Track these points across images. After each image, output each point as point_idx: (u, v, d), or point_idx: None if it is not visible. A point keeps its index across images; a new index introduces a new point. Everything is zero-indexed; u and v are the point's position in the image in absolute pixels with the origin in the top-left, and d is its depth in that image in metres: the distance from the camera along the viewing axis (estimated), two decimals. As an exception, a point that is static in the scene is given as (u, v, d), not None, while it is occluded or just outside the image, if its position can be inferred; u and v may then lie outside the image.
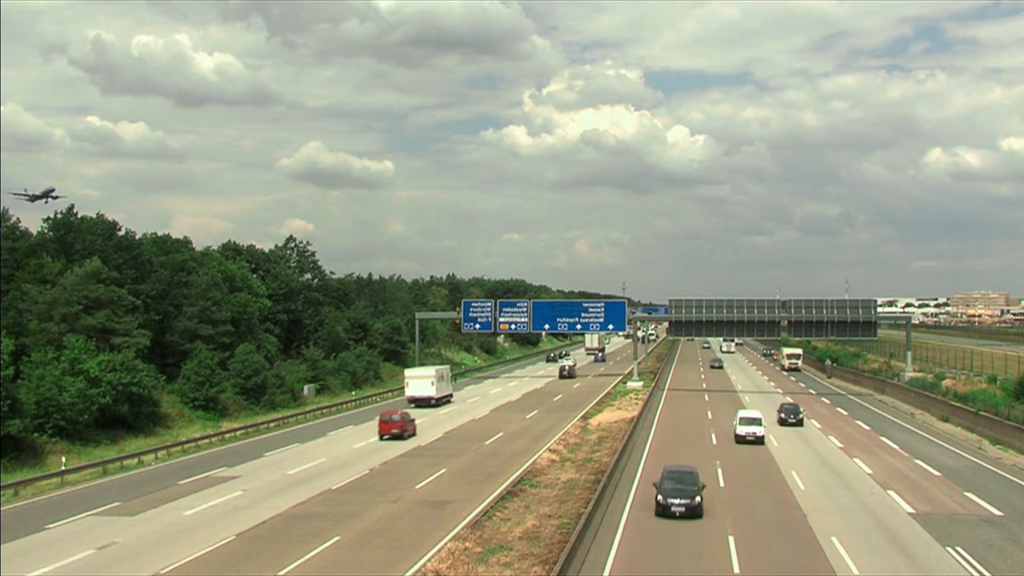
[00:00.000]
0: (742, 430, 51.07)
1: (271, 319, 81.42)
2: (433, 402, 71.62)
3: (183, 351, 64.17)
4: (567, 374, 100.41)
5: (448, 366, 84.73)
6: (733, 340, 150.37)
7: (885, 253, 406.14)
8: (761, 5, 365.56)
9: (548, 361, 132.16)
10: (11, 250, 60.53)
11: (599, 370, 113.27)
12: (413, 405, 70.19)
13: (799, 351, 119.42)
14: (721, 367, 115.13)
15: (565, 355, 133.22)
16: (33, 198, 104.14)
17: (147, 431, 52.86)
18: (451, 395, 77.38)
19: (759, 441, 50.45)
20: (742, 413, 53.73)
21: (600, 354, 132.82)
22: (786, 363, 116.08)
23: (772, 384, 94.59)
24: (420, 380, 72.56)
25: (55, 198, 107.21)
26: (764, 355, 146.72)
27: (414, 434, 54.12)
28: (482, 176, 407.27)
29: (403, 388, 73.80)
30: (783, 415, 59.86)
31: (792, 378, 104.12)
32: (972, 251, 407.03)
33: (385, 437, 53.00)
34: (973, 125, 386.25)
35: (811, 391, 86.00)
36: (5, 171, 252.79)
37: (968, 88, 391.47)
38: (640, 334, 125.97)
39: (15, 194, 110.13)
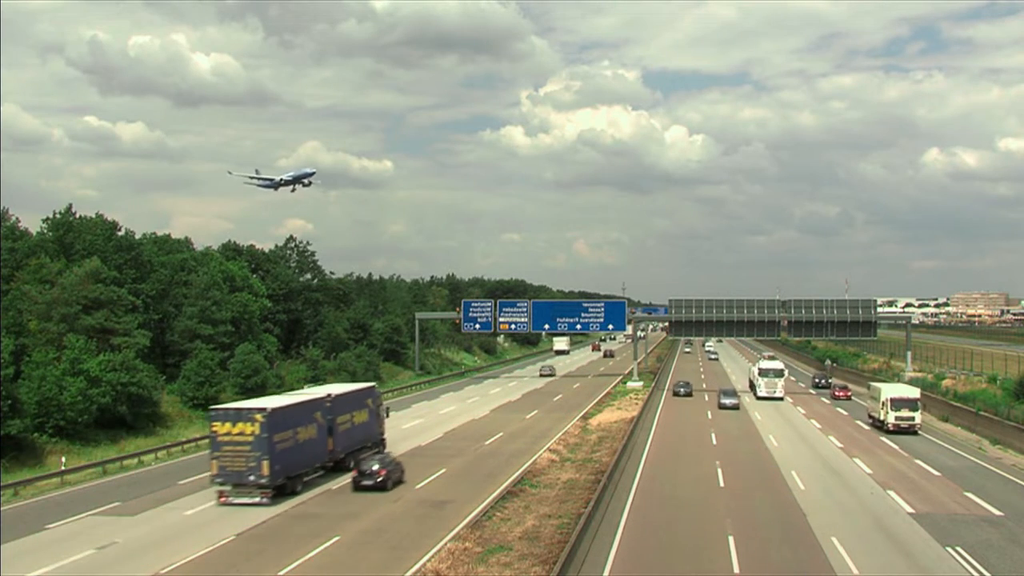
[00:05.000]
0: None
1: (271, 319, 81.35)
2: (568, 353, 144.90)
3: (183, 351, 64.15)
4: (642, 337, 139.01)
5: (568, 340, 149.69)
6: (780, 377, 76.49)
7: (884, 253, 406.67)
8: (758, 5, 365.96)
9: (601, 341, 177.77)
10: (11, 250, 60.49)
11: (599, 370, 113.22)
12: (556, 354, 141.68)
13: (916, 394, 58.46)
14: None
15: (613, 338, 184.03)
16: (277, 184, 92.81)
17: (147, 431, 52.85)
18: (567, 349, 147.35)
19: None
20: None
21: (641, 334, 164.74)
22: (891, 420, 56.37)
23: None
24: (560, 342, 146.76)
25: (307, 184, 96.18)
26: (816, 386, 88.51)
27: None
28: (481, 176, 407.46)
29: (413, 387, 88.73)
30: None
31: (839, 407, 71.21)
32: (972, 251, 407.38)
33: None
34: (971, 125, 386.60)
35: (811, 391, 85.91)
36: (4, 171, 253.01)
37: (965, 88, 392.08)
38: (640, 334, 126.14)
39: (250, 178, 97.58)
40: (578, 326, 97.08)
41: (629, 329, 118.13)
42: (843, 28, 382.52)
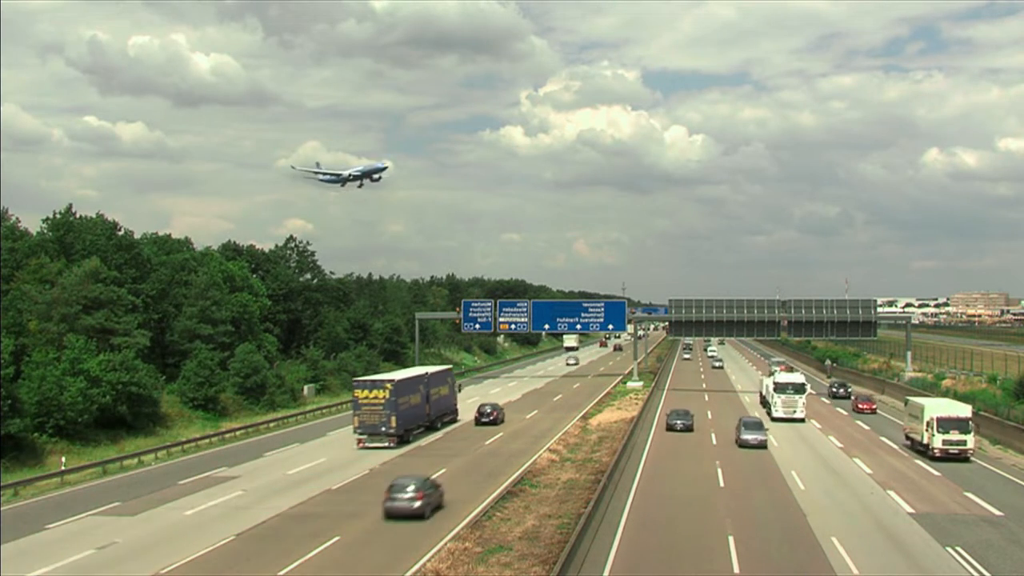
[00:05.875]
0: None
1: (271, 319, 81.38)
2: (578, 349, 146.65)
3: (183, 351, 64.14)
4: (643, 336, 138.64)
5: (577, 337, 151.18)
6: (800, 393, 62.37)
7: (884, 253, 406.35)
8: (757, 5, 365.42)
9: (607, 338, 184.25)
10: (11, 250, 60.50)
11: (599, 370, 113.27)
12: (567, 351, 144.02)
13: (967, 412, 47.81)
14: None
15: (618, 336, 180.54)
16: (344, 179, 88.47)
17: (147, 431, 52.85)
18: (576, 346, 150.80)
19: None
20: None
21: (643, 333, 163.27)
22: (936, 445, 46.20)
23: None
24: (570, 339, 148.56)
25: (377, 179, 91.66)
26: (833, 396, 79.35)
27: None
28: (480, 176, 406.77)
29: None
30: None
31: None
32: (971, 251, 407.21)
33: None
34: (970, 125, 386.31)
35: (811, 391, 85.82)
36: (4, 171, 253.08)
37: (965, 88, 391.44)
38: (643, 333, 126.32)
39: (314, 173, 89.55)
40: (578, 326, 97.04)
41: (630, 328, 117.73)
42: (843, 28, 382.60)
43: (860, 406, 68.41)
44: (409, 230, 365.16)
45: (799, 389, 62.59)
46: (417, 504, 32.48)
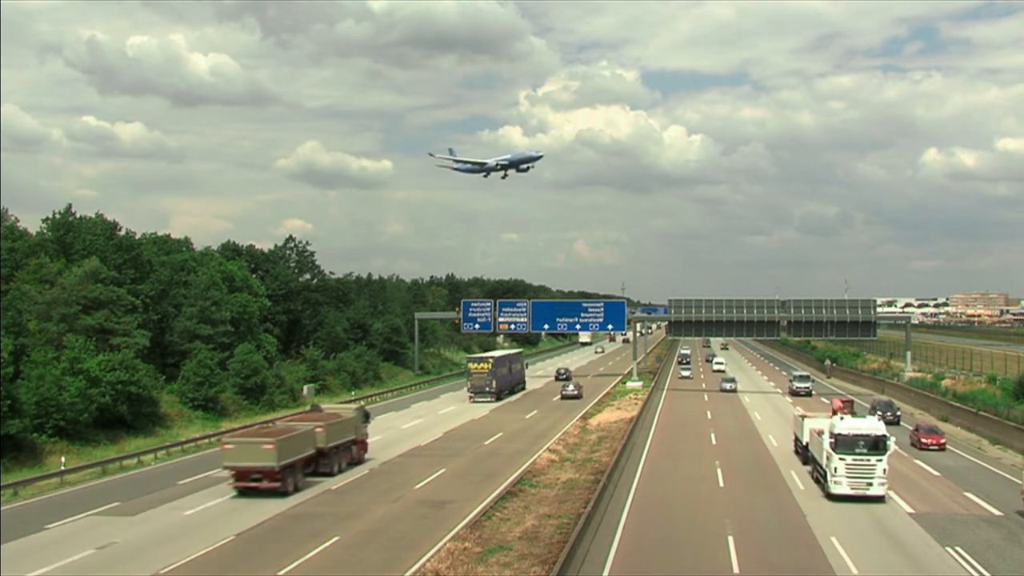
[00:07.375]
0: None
1: (271, 319, 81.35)
2: (591, 344, 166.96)
3: (183, 351, 64.09)
4: (648, 333, 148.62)
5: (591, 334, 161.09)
6: (880, 453, 35.24)
7: (884, 253, 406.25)
8: (756, 5, 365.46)
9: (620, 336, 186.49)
10: (11, 250, 60.47)
11: (599, 370, 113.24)
12: (583, 345, 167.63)
13: None
14: None
15: (624, 333, 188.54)
16: (489, 169, 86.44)
17: (147, 431, 52.80)
18: (590, 341, 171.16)
19: None
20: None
21: (647, 332, 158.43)
22: None
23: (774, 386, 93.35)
24: (584, 335, 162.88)
25: (524, 170, 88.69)
26: (875, 409, 58.72)
27: None
28: (480, 176, 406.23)
29: (412, 387, 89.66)
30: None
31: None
32: (971, 251, 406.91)
33: None
34: (969, 125, 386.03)
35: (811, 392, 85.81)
36: (4, 171, 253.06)
37: (964, 88, 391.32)
38: (647, 332, 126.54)
39: (455, 160, 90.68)
40: (578, 326, 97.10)
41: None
42: (842, 28, 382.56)
43: (924, 441, 50.27)
44: (409, 230, 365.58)
45: (877, 446, 35.88)
46: (576, 392, 75.27)
